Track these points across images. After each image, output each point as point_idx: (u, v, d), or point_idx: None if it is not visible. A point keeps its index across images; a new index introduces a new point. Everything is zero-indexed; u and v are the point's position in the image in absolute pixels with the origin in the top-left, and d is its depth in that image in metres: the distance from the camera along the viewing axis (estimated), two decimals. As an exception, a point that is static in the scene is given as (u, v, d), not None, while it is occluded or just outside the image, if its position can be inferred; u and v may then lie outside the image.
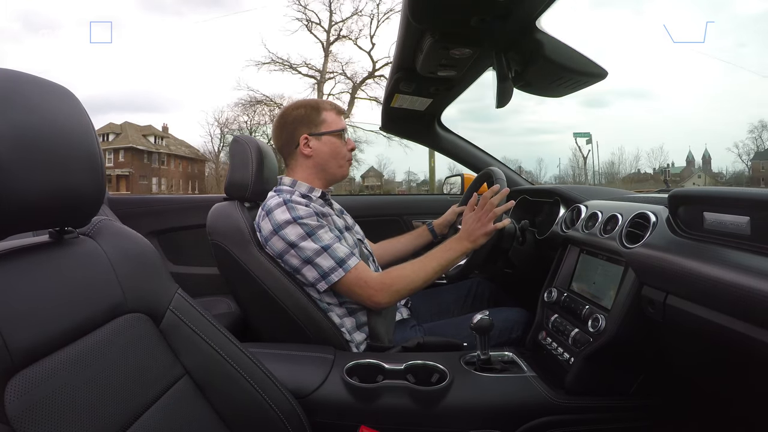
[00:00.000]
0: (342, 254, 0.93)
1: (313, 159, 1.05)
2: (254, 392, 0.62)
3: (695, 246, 0.62)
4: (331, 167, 1.06)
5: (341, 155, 1.07)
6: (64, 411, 0.41)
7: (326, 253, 0.92)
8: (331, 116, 1.06)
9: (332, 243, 0.93)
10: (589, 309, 0.82)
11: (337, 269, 0.93)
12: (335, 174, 1.08)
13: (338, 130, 1.06)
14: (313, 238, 0.93)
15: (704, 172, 14.18)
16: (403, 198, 1.99)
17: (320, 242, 0.93)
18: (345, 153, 1.07)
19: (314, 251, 0.92)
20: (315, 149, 1.04)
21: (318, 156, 1.05)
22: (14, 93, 0.42)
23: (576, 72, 0.89)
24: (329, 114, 1.06)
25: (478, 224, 0.98)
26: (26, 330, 0.41)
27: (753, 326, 0.51)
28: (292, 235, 0.92)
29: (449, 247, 0.99)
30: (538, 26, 0.80)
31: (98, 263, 0.52)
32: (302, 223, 0.93)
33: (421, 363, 0.81)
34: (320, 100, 1.09)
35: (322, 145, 1.05)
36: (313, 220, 0.94)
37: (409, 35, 0.89)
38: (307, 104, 1.07)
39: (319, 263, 0.92)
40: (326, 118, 1.05)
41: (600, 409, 0.79)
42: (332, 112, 1.06)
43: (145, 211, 1.76)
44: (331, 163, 1.06)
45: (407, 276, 0.96)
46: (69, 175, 0.46)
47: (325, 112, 1.05)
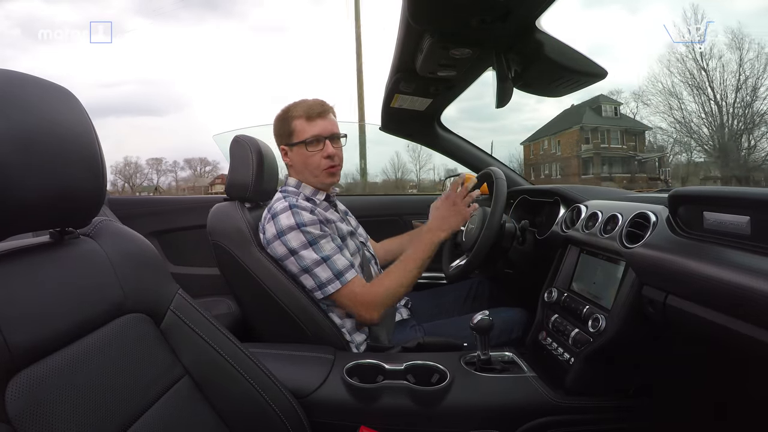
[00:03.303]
0: (341, 266, 0.94)
1: (294, 168, 1.05)
2: (254, 392, 0.62)
3: (695, 246, 0.62)
4: (307, 177, 1.04)
5: (314, 164, 1.02)
6: (64, 410, 0.41)
7: (325, 264, 0.93)
8: (300, 124, 1.01)
9: (332, 254, 0.94)
10: (589, 309, 0.82)
11: (334, 281, 0.93)
12: (314, 183, 1.05)
13: (304, 140, 1.00)
14: (314, 248, 0.93)
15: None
16: (403, 198, 1.99)
17: (321, 252, 0.93)
18: (318, 162, 1.01)
19: (313, 261, 0.92)
20: (292, 159, 1.05)
21: (296, 166, 1.04)
22: (14, 94, 0.42)
23: (576, 72, 0.89)
24: (298, 122, 1.01)
25: (453, 209, 1.02)
26: (27, 330, 0.41)
27: (753, 326, 0.51)
28: (294, 242, 0.92)
29: (424, 242, 1.00)
30: (537, 26, 0.80)
31: (99, 263, 0.52)
32: (305, 230, 0.93)
33: (421, 363, 0.81)
34: (292, 105, 1.03)
35: (295, 156, 1.03)
36: (316, 228, 0.94)
37: (409, 35, 0.89)
38: (281, 114, 1.04)
39: (317, 274, 0.93)
40: (295, 127, 1.01)
41: (600, 410, 0.79)
42: (301, 119, 1.01)
43: (145, 211, 1.77)
44: (306, 174, 1.04)
45: (391, 287, 0.97)
46: (69, 175, 0.46)
47: (295, 121, 1.01)
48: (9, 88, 0.42)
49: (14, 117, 0.41)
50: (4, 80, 0.42)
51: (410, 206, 1.84)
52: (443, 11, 0.76)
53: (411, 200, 1.95)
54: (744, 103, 10.75)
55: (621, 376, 0.80)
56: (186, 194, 11.38)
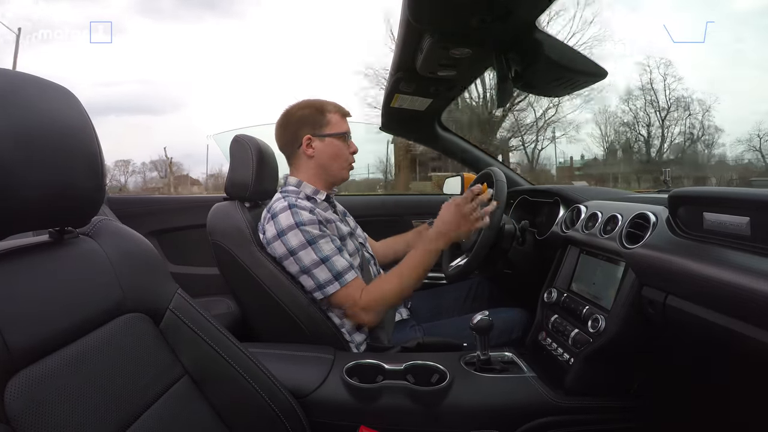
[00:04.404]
0: (340, 267, 0.94)
1: (315, 160, 1.05)
2: (254, 392, 0.62)
3: (695, 246, 0.62)
4: (332, 169, 1.06)
5: (343, 158, 1.07)
6: (64, 410, 0.41)
7: (324, 265, 0.93)
8: (336, 118, 1.06)
9: (332, 255, 0.94)
10: (589, 309, 0.82)
11: (333, 282, 0.93)
12: (336, 176, 1.08)
13: (341, 132, 1.06)
14: (314, 248, 0.93)
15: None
16: (403, 198, 1.98)
17: (320, 253, 0.93)
18: (347, 156, 1.08)
19: (312, 262, 0.93)
20: (318, 150, 1.04)
21: (320, 157, 1.05)
22: (14, 93, 0.42)
23: (576, 72, 0.89)
24: (333, 116, 1.06)
25: (463, 221, 0.97)
26: (26, 329, 0.41)
27: (753, 326, 0.51)
28: (294, 242, 0.92)
29: (427, 250, 0.98)
30: (537, 26, 0.80)
31: (98, 263, 0.52)
32: (304, 229, 0.93)
33: (420, 363, 0.81)
34: (325, 101, 1.09)
35: (325, 147, 1.05)
36: (316, 228, 0.94)
37: (409, 35, 0.89)
38: (312, 105, 1.07)
39: (316, 274, 0.93)
40: (330, 119, 1.05)
41: (600, 410, 0.79)
42: (336, 114, 1.06)
43: (145, 211, 1.77)
44: (333, 165, 1.06)
45: (392, 291, 0.96)
46: (70, 174, 0.46)
47: (330, 114, 1.05)
48: (9, 88, 0.42)
49: (15, 116, 0.41)
50: (4, 80, 0.42)
51: (410, 206, 1.84)
52: (443, 11, 0.76)
53: (411, 200, 1.95)
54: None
55: (621, 376, 0.80)
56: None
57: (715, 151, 11.35)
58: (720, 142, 11.23)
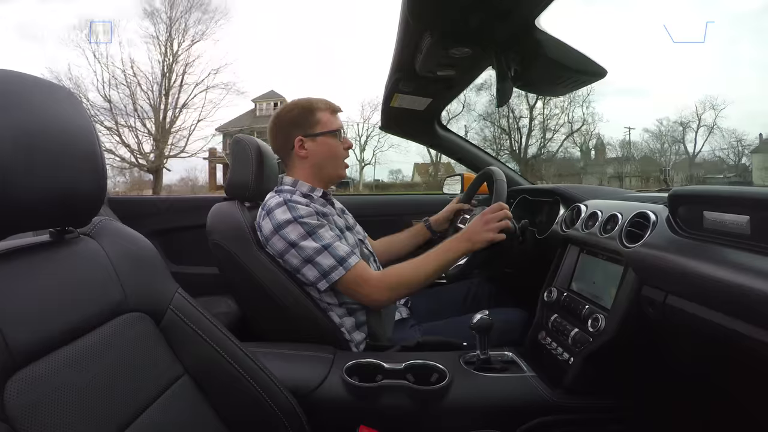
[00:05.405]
0: (342, 252, 0.93)
1: (310, 160, 1.04)
2: (254, 391, 0.62)
3: (695, 245, 0.62)
4: (327, 168, 1.06)
5: (338, 155, 1.06)
6: (64, 409, 0.41)
7: (326, 252, 0.92)
8: (326, 116, 1.05)
9: (333, 242, 0.93)
10: (588, 309, 0.82)
11: (338, 267, 0.92)
12: (332, 174, 1.07)
13: (333, 130, 1.05)
14: (314, 237, 0.92)
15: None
16: (403, 198, 1.99)
17: (321, 241, 0.92)
18: (341, 153, 1.07)
19: (315, 250, 0.92)
20: (311, 150, 1.04)
21: (314, 157, 1.04)
22: (15, 93, 0.42)
23: (575, 71, 0.89)
24: (323, 114, 1.04)
25: (485, 227, 0.97)
26: (27, 329, 0.41)
27: (753, 326, 0.51)
28: (293, 234, 0.92)
29: (448, 247, 0.99)
30: (537, 25, 0.80)
31: (99, 263, 0.52)
32: (303, 222, 0.93)
33: (420, 363, 0.81)
34: (314, 99, 1.07)
35: (318, 146, 1.04)
36: (314, 219, 0.94)
37: (409, 35, 0.89)
38: (300, 105, 1.05)
39: (320, 262, 0.92)
40: (321, 118, 1.04)
41: (600, 409, 0.79)
42: (326, 111, 1.05)
43: (145, 211, 1.77)
44: (328, 164, 1.06)
45: (406, 275, 0.96)
46: (71, 175, 0.46)
47: (319, 113, 1.04)
48: (9, 88, 0.42)
49: (15, 116, 0.41)
50: (4, 80, 0.42)
51: (410, 206, 1.84)
52: (443, 10, 0.76)
53: (411, 200, 1.95)
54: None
55: (621, 376, 0.80)
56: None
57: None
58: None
